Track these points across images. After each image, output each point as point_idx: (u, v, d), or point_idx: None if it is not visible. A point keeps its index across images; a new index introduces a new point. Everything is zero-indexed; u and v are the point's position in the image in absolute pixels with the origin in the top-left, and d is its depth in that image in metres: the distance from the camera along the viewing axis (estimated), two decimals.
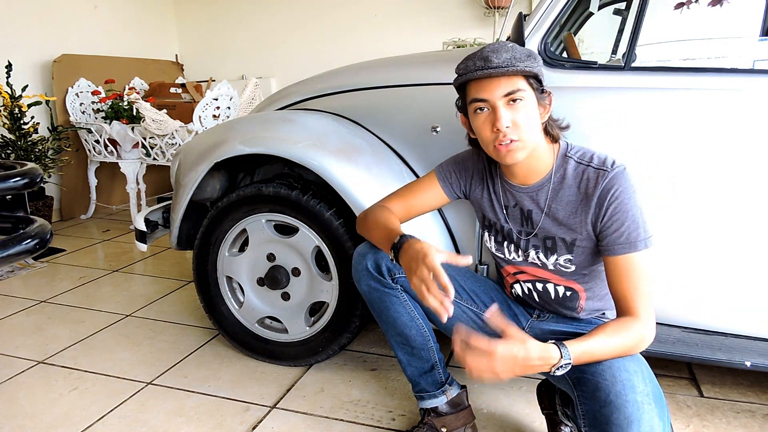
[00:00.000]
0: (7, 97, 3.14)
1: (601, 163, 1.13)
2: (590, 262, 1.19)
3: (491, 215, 1.30)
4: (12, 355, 1.91)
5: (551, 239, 1.20)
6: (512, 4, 3.44)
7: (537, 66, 1.09)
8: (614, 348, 1.02)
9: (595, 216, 1.12)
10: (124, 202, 4.16)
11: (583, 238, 1.16)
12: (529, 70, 1.06)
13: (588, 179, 1.13)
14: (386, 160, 1.63)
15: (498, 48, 1.08)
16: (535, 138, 1.12)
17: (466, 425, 1.38)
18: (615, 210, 1.09)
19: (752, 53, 2.11)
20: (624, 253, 1.08)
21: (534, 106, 1.11)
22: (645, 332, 1.05)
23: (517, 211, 1.24)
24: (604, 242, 1.11)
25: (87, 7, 4.06)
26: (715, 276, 1.41)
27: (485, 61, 1.07)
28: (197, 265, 1.82)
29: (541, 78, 1.11)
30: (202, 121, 3.19)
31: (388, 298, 1.29)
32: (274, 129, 1.68)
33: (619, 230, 1.08)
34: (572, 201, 1.15)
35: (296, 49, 4.63)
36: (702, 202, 1.37)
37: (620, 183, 1.09)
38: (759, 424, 1.49)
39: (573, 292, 1.24)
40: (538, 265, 1.25)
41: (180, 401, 1.63)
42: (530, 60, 1.08)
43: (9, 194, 1.51)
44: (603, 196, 1.10)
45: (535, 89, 1.11)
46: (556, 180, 1.17)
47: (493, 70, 1.06)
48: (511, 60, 1.06)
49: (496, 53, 1.07)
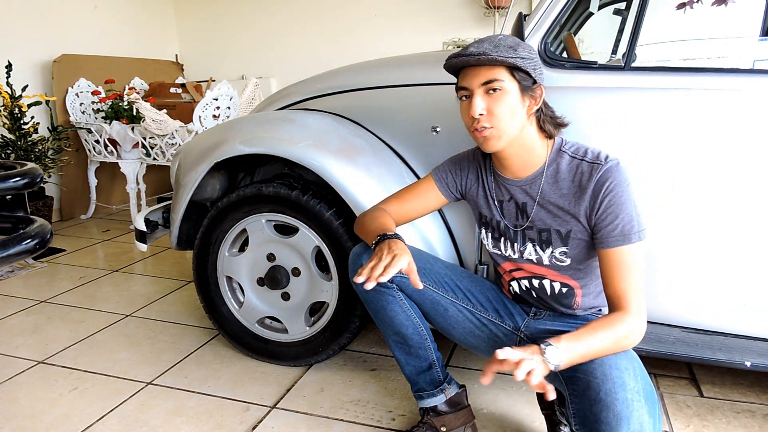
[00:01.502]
0: (7, 97, 3.14)
1: (594, 157, 1.14)
2: (585, 256, 1.20)
3: (486, 211, 1.31)
4: (12, 355, 1.91)
5: (546, 231, 1.21)
6: (512, 4, 3.44)
7: (520, 58, 1.10)
8: (605, 339, 1.02)
9: (589, 209, 1.13)
10: (124, 202, 4.16)
11: (578, 230, 1.17)
12: (502, 59, 1.08)
13: (582, 173, 1.14)
14: (386, 160, 1.63)
15: (484, 39, 1.13)
16: (512, 128, 1.14)
17: (465, 425, 1.38)
18: (609, 203, 1.10)
19: (752, 53, 2.11)
20: (618, 245, 1.10)
21: (515, 98, 1.12)
22: (635, 325, 1.05)
23: (512, 205, 1.25)
24: (599, 235, 1.13)
25: (87, 7, 4.06)
26: (715, 276, 1.41)
27: (465, 49, 1.12)
28: (197, 265, 1.82)
29: (528, 70, 1.11)
30: (202, 121, 3.19)
31: (385, 297, 1.29)
32: (274, 129, 1.68)
33: (614, 223, 1.10)
34: (566, 194, 1.16)
35: (296, 49, 4.63)
36: (702, 202, 1.37)
37: (614, 176, 1.11)
38: (759, 424, 1.49)
39: (569, 288, 1.25)
40: (533, 261, 1.26)
41: (180, 401, 1.63)
42: (511, 51, 1.09)
43: (9, 194, 1.51)
44: (597, 189, 1.11)
45: (519, 80, 1.12)
46: (549, 173, 1.18)
47: (466, 57, 1.10)
48: (489, 50, 1.09)
49: (479, 43, 1.12)
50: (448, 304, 1.31)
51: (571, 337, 1.00)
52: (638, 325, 1.06)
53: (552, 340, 0.99)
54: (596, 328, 1.03)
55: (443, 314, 1.32)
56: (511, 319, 1.33)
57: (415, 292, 1.30)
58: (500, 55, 1.08)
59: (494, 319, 1.32)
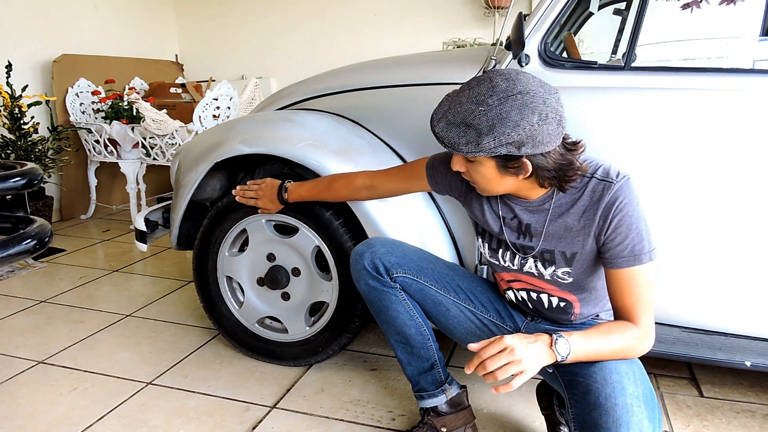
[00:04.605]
0: (7, 97, 3.14)
1: (605, 175, 1.09)
2: (589, 274, 1.17)
3: (484, 224, 1.27)
4: (12, 355, 1.91)
5: (549, 252, 1.17)
6: (512, 4, 3.43)
7: (492, 146, 0.99)
8: (613, 346, 1.02)
9: (598, 228, 1.09)
10: (124, 202, 4.16)
11: (584, 252, 1.13)
12: (465, 155, 1.03)
13: (593, 191, 1.09)
14: (386, 160, 1.63)
15: (452, 119, 1.03)
16: (495, 191, 1.13)
17: (466, 425, 1.38)
18: (619, 222, 1.06)
19: (752, 53, 2.11)
20: (628, 266, 1.06)
21: (491, 171, 1.08)
22: (644, 340, 1.05)
23: (515, 223, 1.20)
24: (608, 255, 1.08)
25: (87, 7, 4.06)
26: (715, 276, 1.41)
27: (436, 122, 1.06)
28: (197, 265, 1.82)
29: (510, 153, 1.01)
30: (202, 121, 3.19)
31: (387, 297, 1.29)
32: (274, 129, 1.68)
33: (623, 243, 1.06)
34: (575, 214, 1.11)
35: (296, 49, 4.63)
36: (702, 202, 1.37)
37: (625, 194, 1.06)
38: (759, 424, 1.49)
39: (567, 303, 1.23)
40: (534, 275, 1.23)
41: (180, 401, 1.63)
42: (482, 138, 0.99)
43: (9, 194, 1.51)
44: (608, 208, 1.07)
45: (496, 159, 1.04)
46: (559, 196, 1.13)
47: (437, 138, 1.06)
48: (456, 144, 1.02)
49: (447, 127, 1.04)
50: (450, 304, 1.31)
51: (582, 335, 1.01)
52: (646, 341, 1.05)
53: (565, 333, 1.00)
54: (607, 333, 1.03)
55: (445, 314, 1.32)
56: (512, 320, 1.32)
57: (418, 292, 1.30)
58: (470, 150, 1.01)
59: (495, 320, 1.32)
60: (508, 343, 0.95)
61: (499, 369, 0.93)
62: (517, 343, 0.95)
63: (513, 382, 0.93)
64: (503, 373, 0.94)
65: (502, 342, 0.95)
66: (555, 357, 0.97)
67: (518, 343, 0.95)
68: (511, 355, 0.94)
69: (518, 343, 0.95)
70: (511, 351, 0.94)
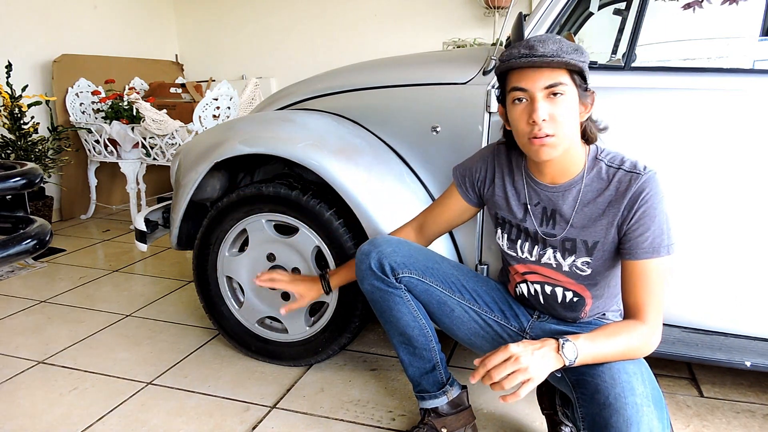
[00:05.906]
0: (7, 97, 3.14)
1: (632, 167, 1.11)
2: (607, 267, 1.18)
3: (506, 213, 1.27)
4: (12, 355, 1.91)
5: (571, 241, 1.18)
6: (512, 4, 3.43)
7: (583, 61, 1.05)
8: (619, 346, 1.02)
9: (622, 218, 1.10)
10: (124, 202, 4.16)
11: (606, 241, 1.14)
12: (574, 63, 1.03)
13: (620, 182, 1.10)
14: (386, 160, 1.63)
15: (545, 39, 1.05)
16: (571, 136, 1.10)
17: (466, 425, 1.38)
18: (643, 213, 1.07)
19: (752, 53, 2.11)
20: (646, 258, 1.07)
21: (575, 103, 1.08)
22: (650, 338, 1.05)
23: (539, 210, 1.21)
24: (627, 245, 1.09)
25: (87, 7, 4.06)
26: (715, 276, 1.41)
27: (530, 49, 1.04)
28: (197, 265, 1.82)
29: (586, 75, 1.08)
30: (202, 121, 3.19)
31: (392, 297, 1.29)
32: (274, 129, 1.68)
33: (644, 234, 1.07)
34: (601, 203, 1.12)
35: (296, 49, 4.63)
36: (702, 202, 1.37)
37: (651, 187, 1.08)
38: (759, 424, 1.49)
39: (580, 298, 1.23)
40: (552, 266, 1.23)
41: (180, 401, 1.63)
42: (576, 54, 1.04)
43: (9, 194, 1.51)
44: (634, 199, 1.08)
45: (578, 86, 1.08)
46: (587, 182, 1.14)
47: (537, 59, 1.02)
48: (558, 51, 1.02)
49: (543, 43, 1.03)
50: (454, 304, 1.31)
51: (588, 338, 1.01)
52: (653, 339, 1.06)
53: (571, 336, 1.00)
54: (613, 334, 1.03)
55: (449, 314, 1.31)
56: (516, 320, 1.32)
57: (423, 292, 1.29)
58: (572, 58, 1.03)
59: (499, 320, 1.32)
60: (513, 351, 0.95)
61: (505, 378, 0.93)
62: (522, 351, 0.95)
63: (520, 391, 0.93)
64: (510, 382, 0.94)
65: (507, 351, 0.95)
66: (563, 362, 0.97)
67: (523, 350, 0.95)
68: (516, 363, 0.94)
69: (523, 350, 0.95)
70: (516, 359, 0.94)
